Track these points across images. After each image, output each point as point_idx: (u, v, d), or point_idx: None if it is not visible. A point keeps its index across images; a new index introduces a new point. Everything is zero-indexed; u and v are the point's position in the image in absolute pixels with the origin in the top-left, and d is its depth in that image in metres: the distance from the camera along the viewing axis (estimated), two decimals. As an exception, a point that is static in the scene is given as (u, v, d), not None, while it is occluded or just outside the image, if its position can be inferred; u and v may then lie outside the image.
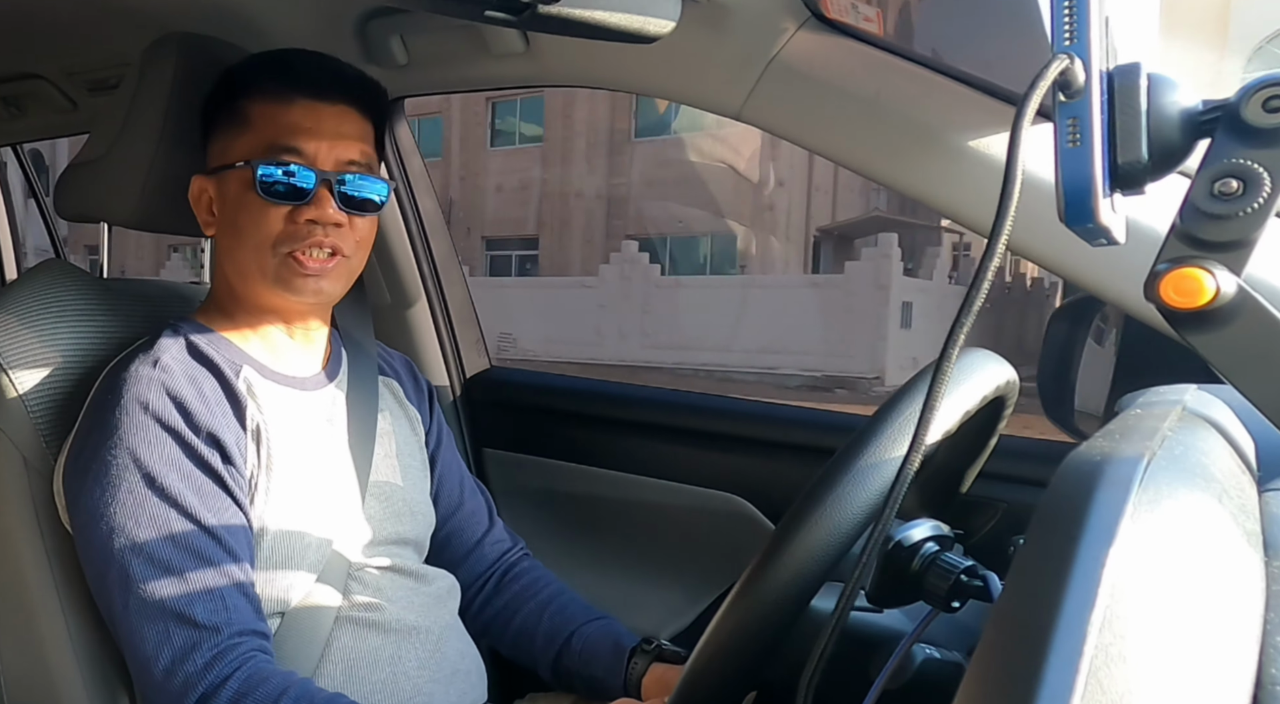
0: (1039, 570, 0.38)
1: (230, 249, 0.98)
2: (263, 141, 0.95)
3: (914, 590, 0.66)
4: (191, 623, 0.84)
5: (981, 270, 0.44)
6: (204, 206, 1.00)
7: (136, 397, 0.90)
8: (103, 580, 0.89)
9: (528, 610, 1.14)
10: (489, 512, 1.22)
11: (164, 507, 0.87)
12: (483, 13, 0.78)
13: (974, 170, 0.87)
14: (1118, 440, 0.45)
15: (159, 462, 0.88)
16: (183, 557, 0.86)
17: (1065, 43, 0.45)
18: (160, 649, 0.84)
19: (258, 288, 0.98)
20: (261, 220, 0.94)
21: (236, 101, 0.98)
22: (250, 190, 0.94)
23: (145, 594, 0.85)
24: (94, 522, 0.88)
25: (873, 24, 0.88)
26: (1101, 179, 0.46)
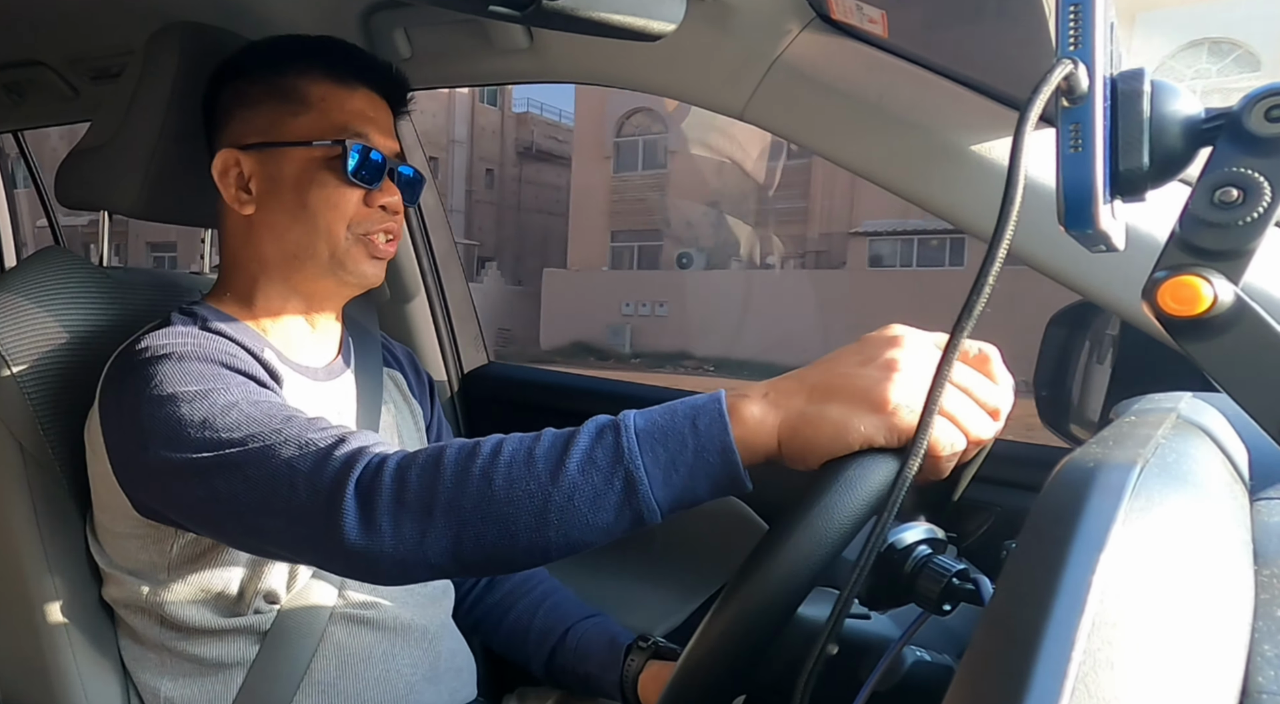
0: (1030, 575, 0.38)
1: (285, 227, 0.95)
2: (331, 124, 0.94)
3: (906, 593, 0.66)
4: (314, 447, 0.72)
5: (983, 274, 0.44)
6: (233, 182, 0.96)
7: (171, 350, 0.84)
8: (206, 514, 0.78)
9: (521, 607, 1.14)
10: None
11: (233, 400, 0.78)
12: (487, 8, 0.78)
13: (975, 174, 0.87)
14: (1111, 447, 0.45)
15: (212, 380, 0.81)
16: (275, 421, 0.76)
17: (1070, 48, 0.45)
18: (294, 486, 0.71)
19: (309, 270, 0.95)
20: (339, 201, 0.94)
21: (285, 78, 0.96)
22: (323, 170, 0.93)
23: (252, 470, 0.74)
24: (168, 464, 0.78)
25: (877, 26, 0.88)
26: (1102, 185, 0.46)
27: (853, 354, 0.63)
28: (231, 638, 0.95)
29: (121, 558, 0.95)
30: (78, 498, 1.00)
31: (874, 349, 0.62)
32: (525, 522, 0.65)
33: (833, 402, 0.61)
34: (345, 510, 0.68)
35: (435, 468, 0.67)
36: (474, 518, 0.66)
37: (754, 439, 0.63)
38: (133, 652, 0.99)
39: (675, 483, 0.63)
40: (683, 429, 0.63)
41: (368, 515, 0.68)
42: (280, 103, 0.96)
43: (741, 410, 0.63)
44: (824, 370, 0.63)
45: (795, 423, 0.62)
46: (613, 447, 0.64)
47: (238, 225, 0.98)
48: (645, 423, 0.64)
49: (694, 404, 0.64)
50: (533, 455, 0.66)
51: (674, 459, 0.63)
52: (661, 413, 0.65)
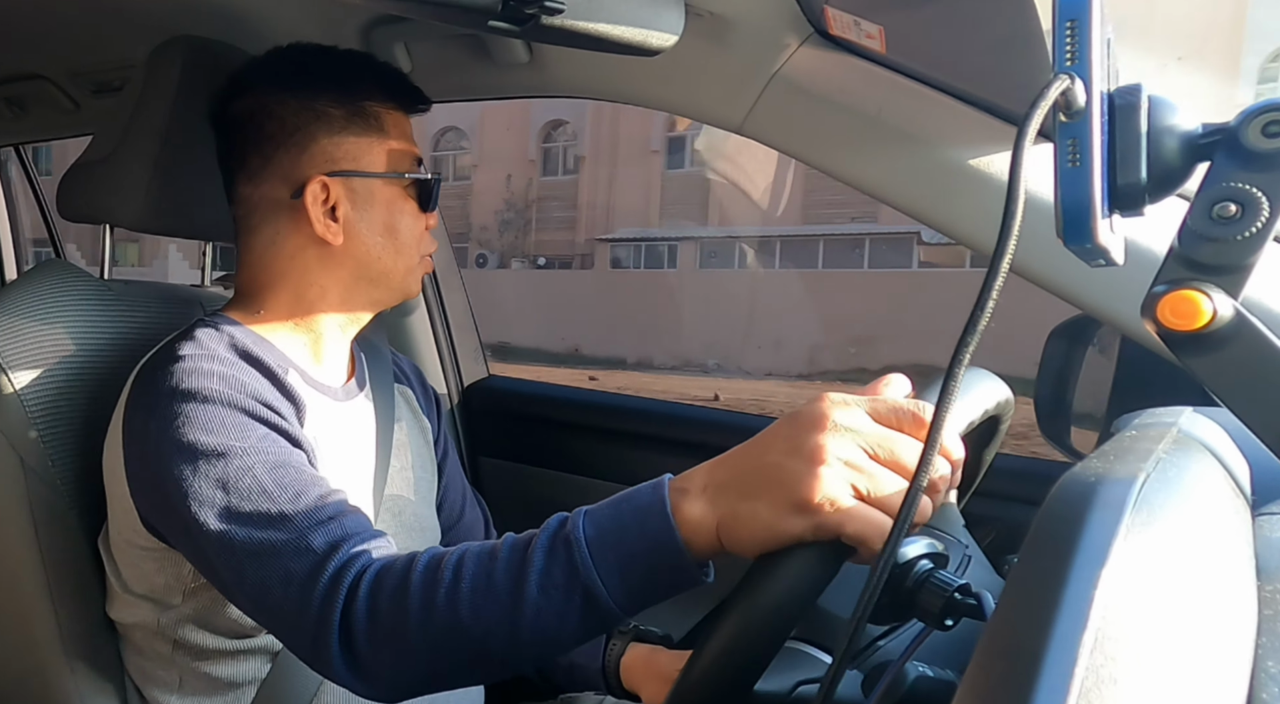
0: (1032, 590, 0.38)
1: (370, 256, 0.96)
2: (404, 153, 0.98)
3: (907, 608, 0.66)
4: (310, 552, 0.75)
5: (986, 290, 0.44)
6: (323, 209, 0.94)
7: (195, 381, 0.84)
8: (211, 556, 0.80)
9: None
10: (486, 524, 1.21)
11: (247, 465, 0.80)
12: (486, 23, 0.78)
13: (973, 189, 0.87)
14: (1112, 461, 0.45)
15: (231, 429, 0.82)
16: (282, 501, 0.78)
17: (1067, 63, 0.46)
18: (286, 589, 0.74)
19: (378, 293, 0.99)
20: (418, 228, 0.99)
21: (361, 103, 0.96)
22: (408, 199, 0.98)
23: (255, 546, 0.76)
24: (177, 505, 0.81)
25: (875, 41, 0.89)
26: (1100, 199, 0.46)
27: (783, 439, 0.61)
28: (244, 657, 0.94)
29: (136, 579, 0.94)
30: (79, 513, 1.00)
31: (802, 434, 0.60)
32: (496, 645, 0.67)
33: (761, 498, 0.60)
34: (330, 643, 0.71)
35: (403, 595, 0.69)
36: (447, 647, 0.68)
37: (697, 539, 0.63)
38: (142, 669, 0.98)
39: (633, 584, 0.64)
40: (632, 535, 0.64)
41: (350, 648, 0.72)
42: (364, 130, 0.96)
43: (684, 511, 0.63)
44: (756, 459, 0.62)
45: (730, 522, 0.62)
46: (566, 562, 0.65)
47: (308, 249, 0.95)
48: (595, 532, 0.65)
49: (640, 506, 0.65)
50: (493, 581, 0.67)
51: (628, 565, 0.64)
52: (610, 517, 0.66)
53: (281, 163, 0.95)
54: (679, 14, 0.88)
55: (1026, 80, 0.81)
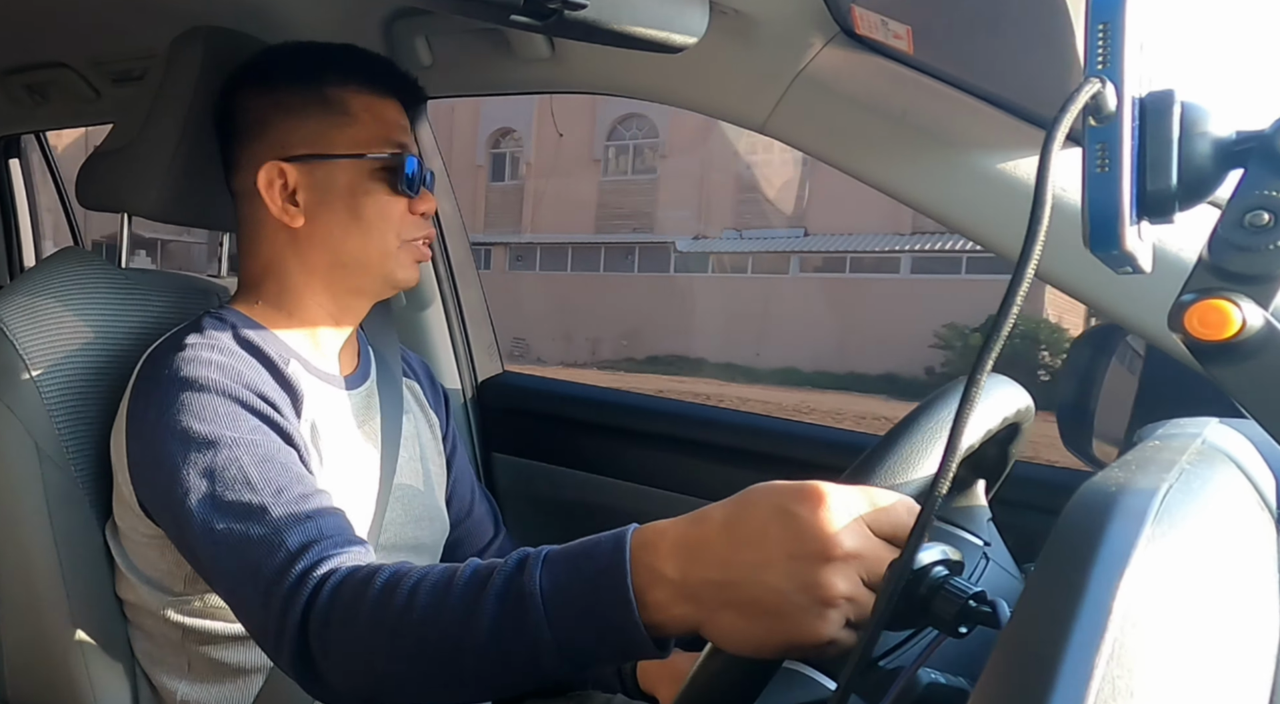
0: (1049, 599, 0.38)
1: (335, 240, 0.97)
2: (375, 135, 0.97)
3: (920, 614, 0.66)
4: (283, 548, 0.77)
5: (1010, 296, 0.44)
6: (279, 195, 0.97)
7: (194, 370, 0.87)
8: (192, 542, 0.83)
9: None
10: (495, 520, 1.22)
11: (235, 456, 0.82)
12: (508, 17, 0.78)
13: (999, 192, 0.87)
14: (1134, 471, 0.45)
15: (224, 422, 0.85)
16: (264, 495, 0.80)
17: (1098, 67, 0.45)
18: (255, 583, 0.76)
19: (358, 279, 0.99)
20: (390, 211, 0.97)
21: (324, 89, 0.98)
22: (374, 181, 0.97)
23: (231, 537, 0.79)
24: (170, 493, 0.84)
25: (902, 41, 0.88)
26: (1129, 206, 0.45)
27: (786, 558, 0.56)
28: (252, 644, 0.95)
29: (142, 563, 0.96)
30: (93, 498, 1.01)
31: (808, 562, 0.55)
32: (439, 678, 0.67)
33: (758, 621, 0.56)
34: (288, 642, 0.73)
35: (357, 608, 0.70)
36: (392, 668, 0.68)
37: (668, 627, 0.59)
38: (151, 653, 0.99)
39: (585, 651, 0.62)
40: (590, 605, 0.60)
41: (305, 649, 0.73)
42: (324, 114, 0.97)
43: (653, 596, 0.59)
44: (751, 573, 0.56)
45: (713, 627, 0.58)
46: (518, 615, 0.63)
47: (279, 236, 0.99)
48: (552, 588, 0.62)
49: (602, 585, 0.60)
50: (442, 617, 0.66)
51: (582, 633, 0.61)
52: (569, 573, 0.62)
53: (248, 153, 1.00)
54: (703, 11, 0.88)
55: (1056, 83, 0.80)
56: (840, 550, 0.55)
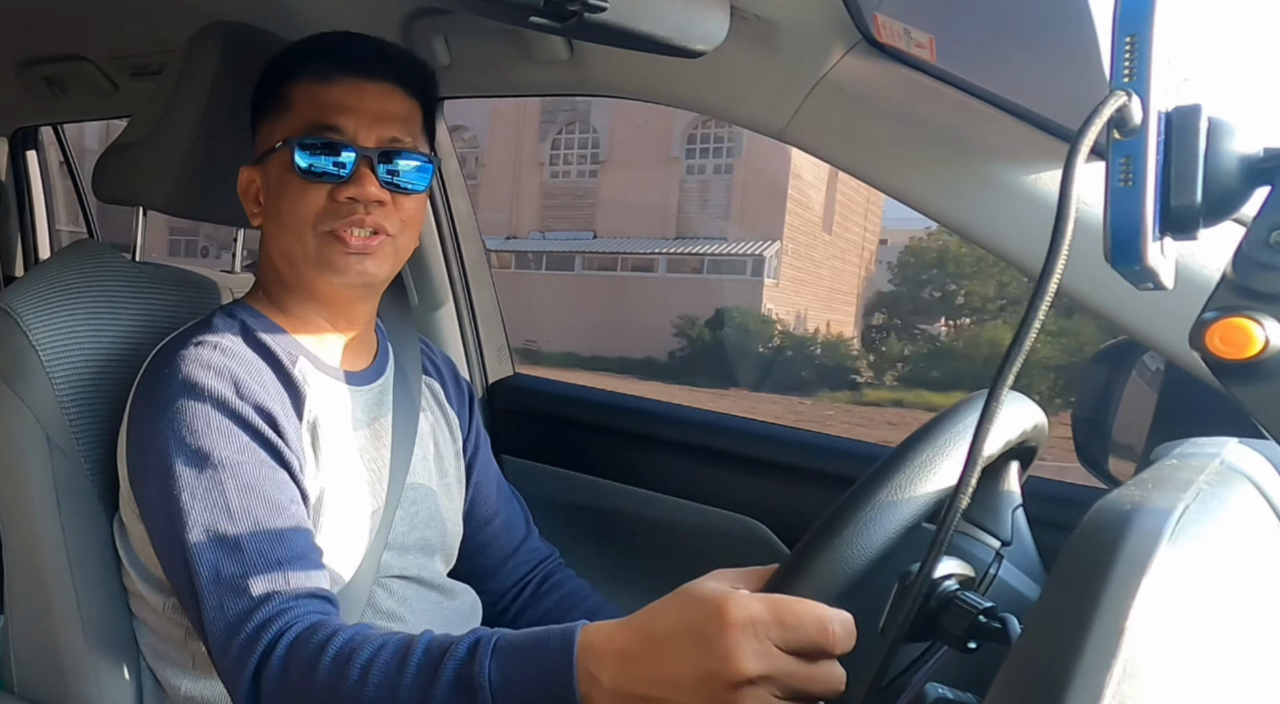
0: (1060, 617, 0.37)
1: (274, 234, 0.97)
2: (303, 122, 0.94)
3: (929, 628, 0.65)
4: (247, 593, 0.81)
5: (1032, 310, 0.44)
6: (251, 197, 1.00)
7: (195, 374, 0.88)
8: (169, 562, 0.87)
9: (573, 619, 1.12)
10: (526, 519, 1.21)
11: (219, 480, 0.85)
12: (528, 18, 0.78)
13: (1020, 205, 0.86)
14: (1150, 490, 0.44)
15: (215, 437, 0.87)
16: (240, 530, 0.84)
17: (1124, 79, 0.45)
18: (217, 622, 0.82)
19: (303, 272, 0.96)
20: (302, 200, 0.93)
21: (280, 87, 0.97)
22: (290, 171, 0.93)
23: (204, 571, 0.83)
24: (156, 498, 0.87)
25: (925, 50, 0.88)
26: (1152, 221, 0.45)
27: (699, 680, 0.61)
28: None
29: (146, 560, 0.97)
30: (101, 492, 1.02)
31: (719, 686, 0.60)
32: None
33: None
34: (242, 685, 0.79)
35: (311, 673, 0.75)
36: None
37: None
38: (155, 648, 1.00)
39: None
40: (534, 699, 0.67)
41: (257, 697, 0.79)
42: (272, 111, 0.98)
43: (589, 699, 0.65)
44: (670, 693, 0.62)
45: None
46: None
47: (261, 235, 1.02)
48: (501, 681, 0.68)
49: (549, 684, 0.66)
50: (396, 698, 0.71)
51: None
52: (519, 668, 0.68)
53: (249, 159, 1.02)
54: (724, 16, 0.88)
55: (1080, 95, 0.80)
56: (746, 675, 0.59)
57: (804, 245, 22.01)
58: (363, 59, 0.96)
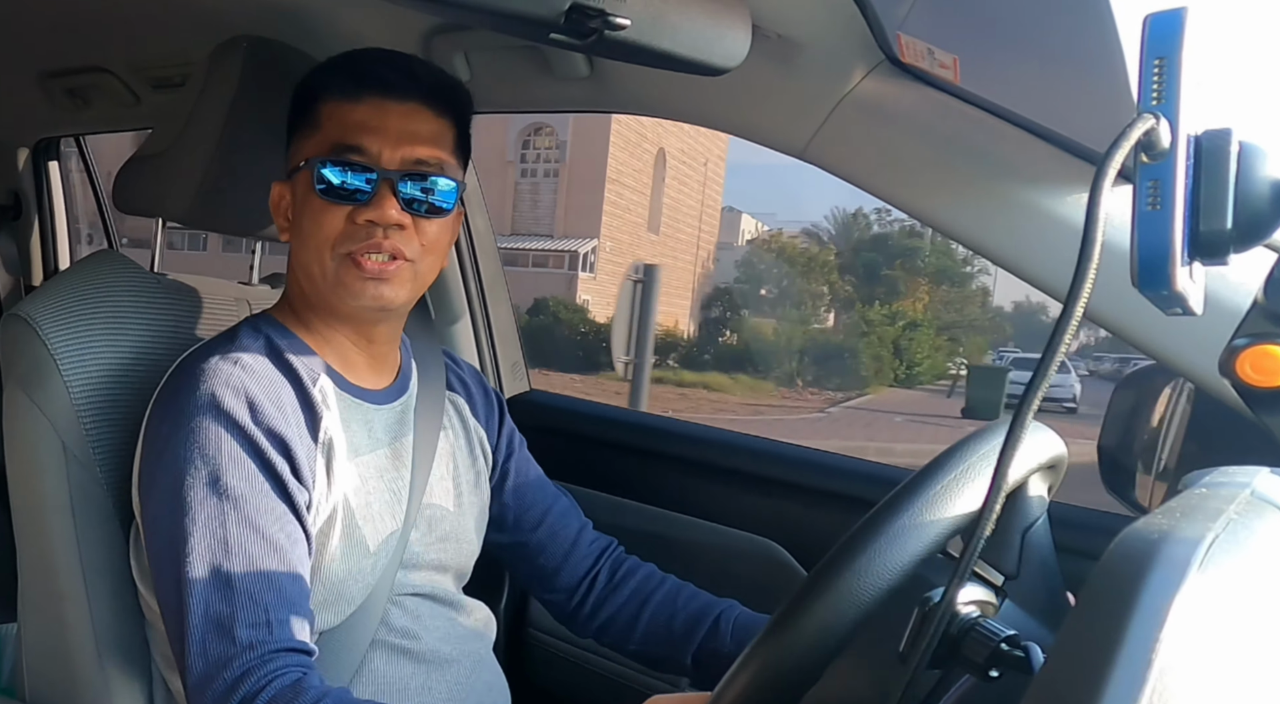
0: (1084, 648, 0.37)
1: (298, 252, 0.98)
2: (328, 141, 0.94)
3: (950, 656, 0.65)
4: (230, 637, 0.83)
5: (1057, 335, 0.44)
6: (281, 213, 1.00)
7: (214, 392, 0.89)
8: (160, 577, 0.89)
9: (658, 602, 1.11)
10: (577, 512, 1.19)
11: (222, 510, 0.86)
12: (548, 35, 0.79)
13: (1045, 228, 0.86)
14: (1178, 519, 0.44)
15: (225, 462, 0.88)
16: (234, 567, 0.85)
17: (1152, 102, 0.45)
18: (198, 659, 0.84)
19: (322, 292, 0.96)
20: (322, 221, 0.93)
21: (310, 105, 0.97)
22: (312, 191, 0.93)
23: (193, 601, 0.85)
24: (157, 517, 0.89)
25: (949, 71, 0.88)
26: (1181, 245, 0.45)
27: None
28: None
29: None
30: (115, 499, 1.03)
31: None
32: None
33: None
34: None
35: None
36: None
37: None
38: (168, 657, 0.99)
39: None
40: None
41: None
42: (303, 129, 0.98)
43: None
44: None
45: None
46: None
47: (290, 253, 1.01)
48: None
49: None
50: None
51: None
52: None
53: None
54: (746, 34, 0.88)
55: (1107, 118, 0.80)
56: None
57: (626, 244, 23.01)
58: (388, 77, 0.95)
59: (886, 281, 24.71)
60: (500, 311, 1.54)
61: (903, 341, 21.44)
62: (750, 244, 26.58)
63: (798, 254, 25.02)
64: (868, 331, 21.38)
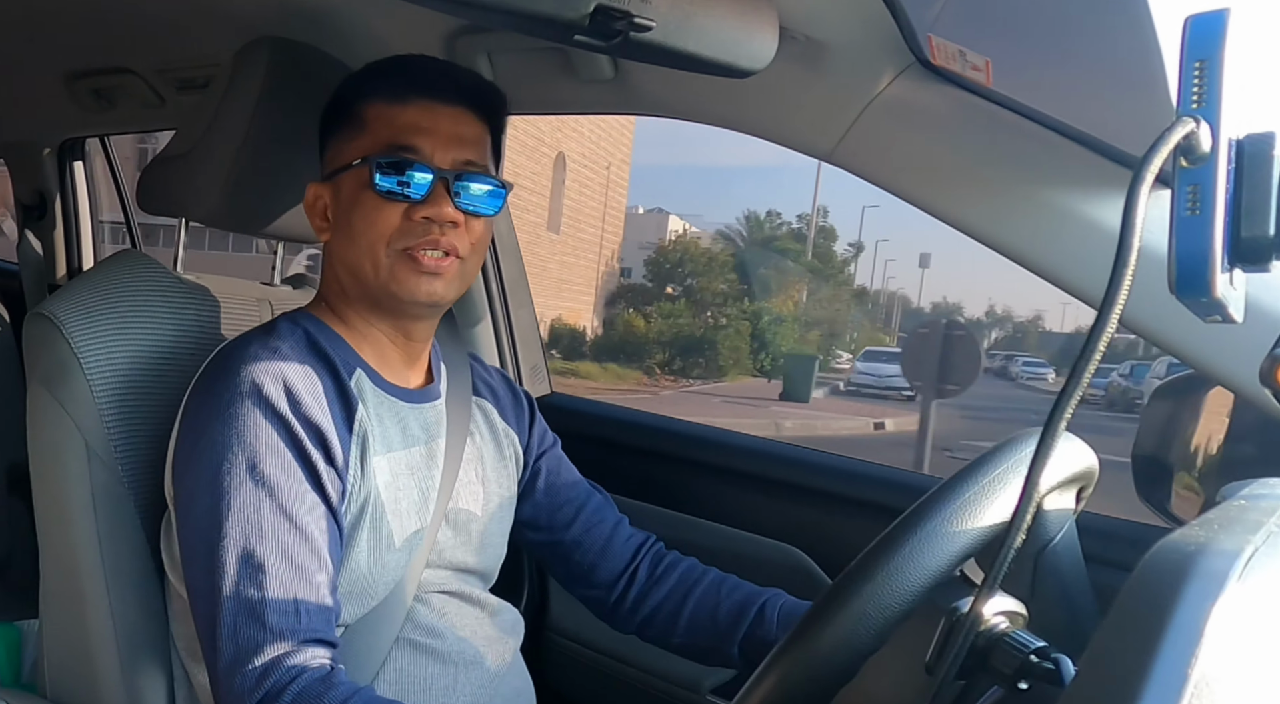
0: (1117, 662, 0.37)
1: (343, 250, 0.99)
2: (379, 141, 0.96)
3: (978, 667, 0.64)
4: (260, 624, 0.85)
5: (1091, 343, 0.43)
6: (319, 213, 1.02)
7: (253, 380, 0.91)
8: (192, 562, 0.90)
9: (701, 592, 1.11)
10: (612, 508, 1.20)
11: (258, 497, 0.88)
12: (572, 37, 0.79)
13: (1081, 233, 0.85)
14: (1216, 531, 0.43)
15: (263, 450, 0.89)
16: (266, 553, 0.87)
17: (1192, 106, 0.45)
18: (227, 644, 0.86)
19: (371, 288, 0.98)
20: (377, 218, 0.95)
21: (352, 106, 0.99)
22: (366, 189, 0.95)
23: (225, 585, 0.86)
24: (192, 501, 0.91)
25: (981, 73, 0.87)
26: (1220, 251, 0.45)
27: None
28: None
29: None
30: (138, 500, 1.04)
31: None
32: None
33: None
34: None
35: None
36: None
37: None
38: (194, 651, 1.00)
39: None
40: None
41: None
42: (345, 130, 1.00)
43: None
44: None
45: None
46: None
47: (326, 251, 1.03)
48: None
49: None
50: None
51: None
52: None
53: (317, 174, 1.04)
54: (773, 36, 0.88)
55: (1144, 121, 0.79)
56: None
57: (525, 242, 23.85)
58: (436, 82, 0.99)
59: (761, 280, 27.30)
60: (522, 314, 1.55)
61: (768, 335, 22.95)
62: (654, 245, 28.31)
63: (700, 254, 27.16)
64: (725, 326, 23.25)
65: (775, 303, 25.95)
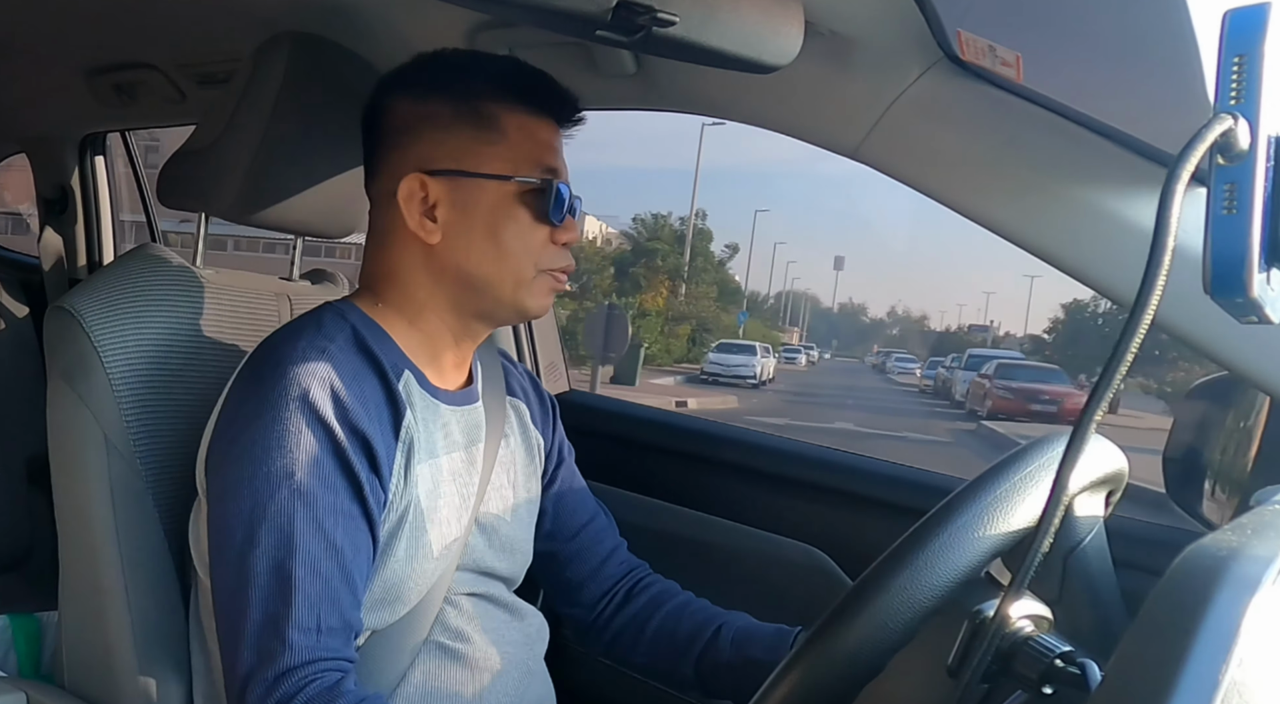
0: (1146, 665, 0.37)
1: (470, 260, 0.96)
2: (527, 157, 0.96)
3: (1001, 671, 0.64)
4: (279, 635, 0.85)
5: (1122, 344, 0.43)
6: (417, 208, 0.96)
7: (300, 382, 0.89)
8: (220, 559, 0.90)
9: (665, 612, 1.13)
10: (613, 531, 1.21)
11: (294, 507, 0.87)
12: (594, 32, 0.79)
13: (1113, 232, 0.85)
14: (1249, 536, 0.43)
15: (304, 458, 0.88)
16: (296, 567, 0.86)
17: (1230, 102, 0.44)
18: (249, 651, 0.86)
19: (488, 301, 0.98)
20: (531, 238, 0.96)
21: (477, 102, 0.97)
22: (519, 205, 0.95)
23: (253, 594, 0.86)
24: (227, 499, 0.89)
25: (1011, 69, 0.87)
26: (1258, 251, 0.44)
27: None
28: None
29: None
30: (156, 494, 1.05)
31: None
32: None
33: None
34: None
35: None
36: None
37: None
38: (217, 656, 1.01)
39: None
40: None
41: None
42: (475, 129, 0.96)
43: None
44: None
45: None
46: None
47: (412, 248, 0.98)
48: None
49: None
50: None
51: None
52: None
53: (389, 160, 0.99)
54: (798, 31, 0.88)
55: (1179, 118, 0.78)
56: None
57: None
58: (565, 107, 1.01)
59: (633, 278, 29.47)
60: (541, 312, 1.55)
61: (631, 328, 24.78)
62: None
63: (594, 253, 29.49)
64: (581, 320, 24.89)
65: (645, 298, 28.08)
